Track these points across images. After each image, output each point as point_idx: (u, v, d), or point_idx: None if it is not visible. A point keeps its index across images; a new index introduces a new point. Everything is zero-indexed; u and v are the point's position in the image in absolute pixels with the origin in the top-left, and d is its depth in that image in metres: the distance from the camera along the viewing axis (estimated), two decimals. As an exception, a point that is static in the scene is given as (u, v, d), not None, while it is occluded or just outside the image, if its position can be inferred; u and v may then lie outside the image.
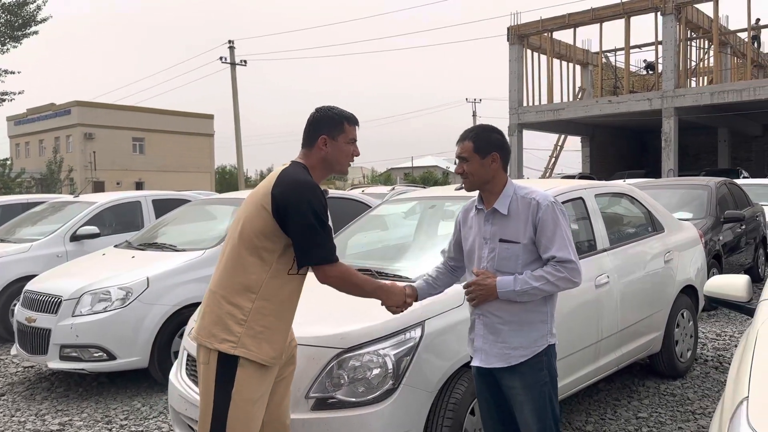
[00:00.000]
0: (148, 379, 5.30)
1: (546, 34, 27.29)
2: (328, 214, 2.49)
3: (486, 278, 2.58)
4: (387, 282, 2.78)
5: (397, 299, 2.70)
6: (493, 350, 2.63)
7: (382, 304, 2.72)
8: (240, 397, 2.38)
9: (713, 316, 7.31)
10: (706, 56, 28.84)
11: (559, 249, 2.55)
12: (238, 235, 2.47)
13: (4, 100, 26.33)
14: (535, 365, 2.62)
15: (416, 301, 2.84)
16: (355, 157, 2.65)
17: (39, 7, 25.83)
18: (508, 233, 2.61)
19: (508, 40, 27.55)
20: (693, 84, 27.95)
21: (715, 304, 2.94)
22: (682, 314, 5.09)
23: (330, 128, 2.55)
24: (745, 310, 2.83)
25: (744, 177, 20.93)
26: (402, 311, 2.77)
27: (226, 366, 2.39)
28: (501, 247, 2.61)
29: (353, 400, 2.90)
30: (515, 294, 2.55)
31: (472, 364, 2.70)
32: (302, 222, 2.38)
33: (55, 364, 5.06)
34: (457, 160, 2.71)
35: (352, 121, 2.61)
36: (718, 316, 7.30)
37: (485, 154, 2.64)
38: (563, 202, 4.17)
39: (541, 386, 2.63)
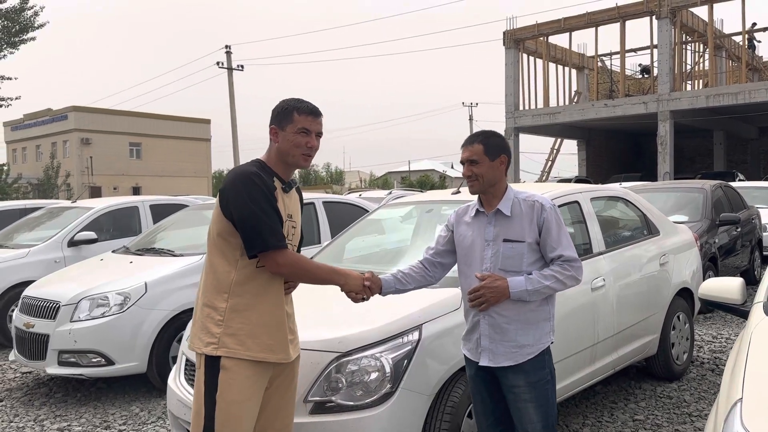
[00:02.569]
0: (147, 384, 5.31)
1: (542, 38, 27.39)
2: (274, 200, 2.42)
3: (495, 281, 2.61)
4: (343, 268, 2.72)
5: (355, 284, 2.63)
6: (500, 349, 2.66)
7: (341, 290, 2.66)
8: (224, 400, 2.39)
9: (710, 318, 7.35)
10: (701, 60, 28.97)
11: (566, 249, 2.66)
12: (208, 237, 2.53)
13: (0, 106, 26.30)
14: (538, 363, 2.67)
15: (380, 294, 2.77)
16: (313, 150, 2.52)
17: (36, 13, 25.85)
18: (512, 233, 2.67)
19: (504, 45, 27.65)
20: (688, 87, 28.06)
21: (710, 306, 2.97)
22: (678, 317, 5.12)
23: (279, 119, 2.51)
24: (740, 312, 2.86)
25: (740, 180, 21.03)
26: (365, 298, 2.69)
27: (211, 370, 2.42)
28: (505, 246, 2.66)
29: (351, 404, 2.91)
30: (528, 294, 2.60)
31: (480, 363, 2.71)
32: (242, 211, 2.37)
33: (54, 370, 5.07)
34: (465, 164, 2.73)
35: (302, 110, 2.50)
36: (714, 318, 7.34)
37: (495, 156, 2.71)
38: (559, 206, 4.21)
39: (544, 384, 2.68)
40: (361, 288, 2.66)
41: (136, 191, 44.88)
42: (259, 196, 2.38)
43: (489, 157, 2.70)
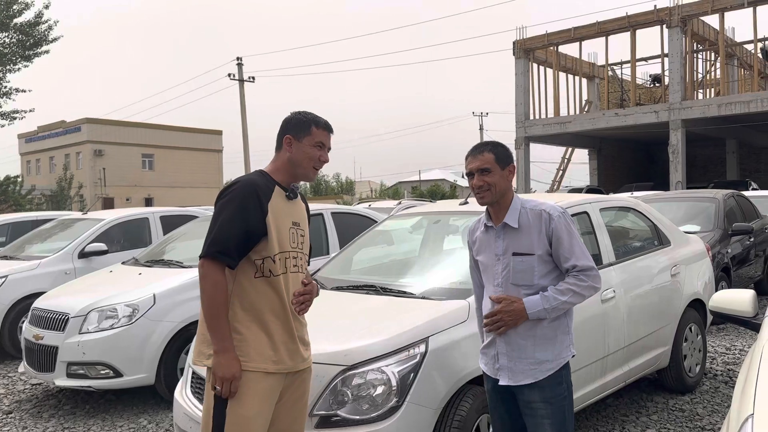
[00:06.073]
0: (155, 396, 5.30)
1: (552, 48, 27.38)
2: (252, 213, 2.38)
3: (511, 303, 2.56)
4: (230, 345, 2.38)
5: (224, 366, 2.33)
6: (519, 367, 2.61)
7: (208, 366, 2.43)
8: (234, 414, 2.37)
9: (723, 329, 7.25)
10: (712, 68, 28.83)
11: (579, 258, 2.59)
12: None
13: (15, 118, 26.64)
14: (555, 379, 2.62)
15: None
16: (323, 164, 2.56)
17: (50, 27, 26.19)
18: (521, 246, 2.61)
19: (513, 54, 27.66)
20: (700, 96, 27.91)
21: (721, 319, 2.92)
22: (690, 328, 5.05)
23: (296, 129, 2.52)
24: (751, 325, 2.81)
25: (753, 189, 20.83)
26: (215, 388, 2.37)
27: None
28: (515, 260, 2.61)
29: (357, 417, 2.89)
30: (546, 312, 2.55)
31: (501, 383, 2.65)
32: (212, 217, 2.44)
33: (62, 382, 5.07)
34: (474, 174, 2.64)
35: (320, 125, 2.55)
36: (727, 329, 7.24)
37: (505, 165, 2.68)
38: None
39: (561, 400, 2.62)
40: (220, 378, 2.35)
41: (148, 202, 45.18)
42: (230, 206, 2.39)
43: (500, 165, 2.65)
